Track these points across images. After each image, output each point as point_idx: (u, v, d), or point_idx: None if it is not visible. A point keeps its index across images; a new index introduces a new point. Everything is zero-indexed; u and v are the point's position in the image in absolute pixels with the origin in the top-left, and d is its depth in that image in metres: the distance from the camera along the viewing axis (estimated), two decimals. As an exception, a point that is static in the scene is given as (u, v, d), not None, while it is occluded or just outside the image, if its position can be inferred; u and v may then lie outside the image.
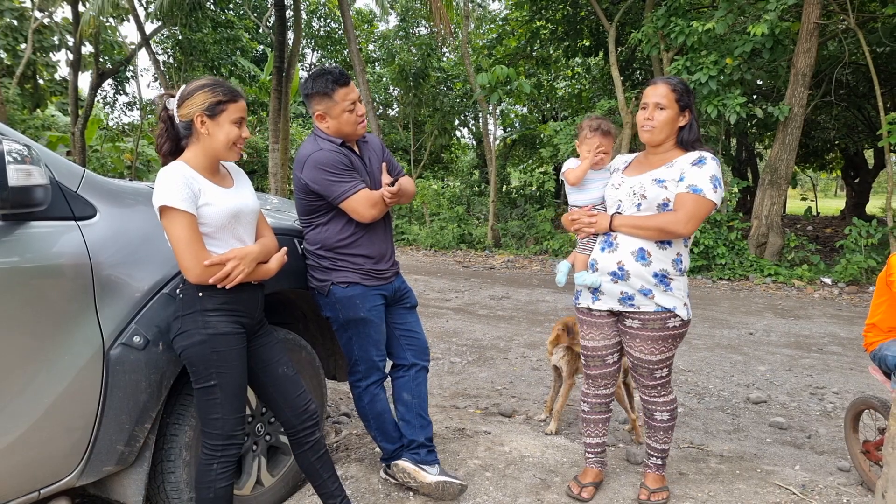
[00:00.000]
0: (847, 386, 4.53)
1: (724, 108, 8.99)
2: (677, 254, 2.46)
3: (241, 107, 2.06)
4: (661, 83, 2.48)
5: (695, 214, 2.34)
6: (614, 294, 2.48)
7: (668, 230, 2.37)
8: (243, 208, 2.11)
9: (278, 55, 13.98)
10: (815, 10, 9.07)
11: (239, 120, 2.06)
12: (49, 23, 18.73)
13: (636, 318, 2.48)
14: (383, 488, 2.71)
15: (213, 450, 2.04)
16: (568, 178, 2.61)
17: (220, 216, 2.01)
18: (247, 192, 2.19)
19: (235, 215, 2.07)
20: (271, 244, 2.22)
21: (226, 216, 2.03)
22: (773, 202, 9.81)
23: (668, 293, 2.43)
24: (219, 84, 2.05)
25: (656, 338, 2.47)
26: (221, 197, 2.05)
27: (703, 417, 3.86)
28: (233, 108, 2.03)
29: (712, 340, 5.83)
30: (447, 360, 5.08)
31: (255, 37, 23.25)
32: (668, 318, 2.45)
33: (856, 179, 17.76)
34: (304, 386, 2.29)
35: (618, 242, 2.46)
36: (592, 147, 2.57)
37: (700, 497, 2.71)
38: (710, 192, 2.35)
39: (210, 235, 2.02)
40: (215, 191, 2.04)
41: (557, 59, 15.95)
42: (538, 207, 14.66)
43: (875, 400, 2.90)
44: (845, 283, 8.90)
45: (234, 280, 1.99)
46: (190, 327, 1.99)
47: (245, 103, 2.10)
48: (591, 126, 2.58)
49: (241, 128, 2.07)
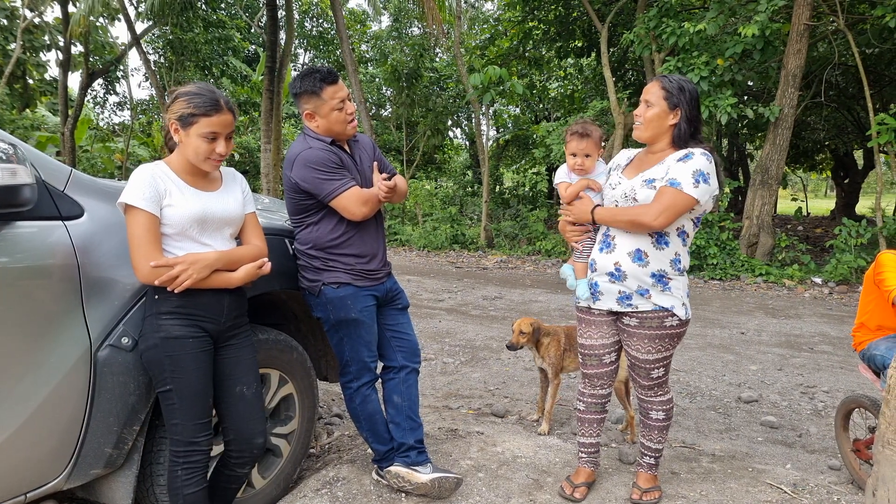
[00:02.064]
0: (837, 385, 4.55)
1: (715, 108, 9.04)
2: (675, 254, 2.44)
3: (214, 122, 1.97)
4: (654, 81, 2.48)
5: (668, 207, 2.29)
6: (612, 294, 2.48)
7: (638, 221, 2.34)
8: (212, 214, 2.04)
9: (270, 55, 13.93)
10: (805, 11, 9.13)
11: (210, 135, 1.98)
12: (39, 22, 18.60)
13: (634, 317, 2.48)
14: (375, 489, 2.70)
15: (176, 455, 2.01)
16: (562, 196, 2.63)
17: (181, 219, 1.97)
18: (229, 199, 2.12)
19: (200, 220, 2.01)
20: (245, 253, 2.13)
21: (188, 219, 1.98)
22: (763, 202, 9.86)
23: (665, 293, 2.43)
24: (198, 94, 1.98)
25: (653, 336, 2.47)
26: (190, 200, 2.00)
27: (695, 417, 3.87)
28: (204, 123, 1.96)
29: (704, 340, 5.85)
30: (440, 360, 5.07)
31: (247, 36, 23.19)
32: (665, 317, 2.44)
33: (845, 180, 17.88)
34: (260, 414, 2.20)
35: (615, 243, 2.46)
36: (569, 151, 2.62)
37: (692, 496, 2.71)
38: (690, 186, 2.28)
39: (171, 237, 1.98)
40: (186, 193, 2.00)
41: (550, 59, 15.99)
42: (531, 208, 14.69)
43: (865, 399, 2.91)
44: (835, 282, 8.96)
45: (182, 285, 1.92)
46: (147, 330, 1.97)
47: (226, 117, 2.00)
48: (569, 130, 2.62)
49: (213, 143, 2.00)
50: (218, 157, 2.02)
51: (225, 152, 2.03)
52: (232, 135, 2.06)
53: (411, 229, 14.58)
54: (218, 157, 2.03)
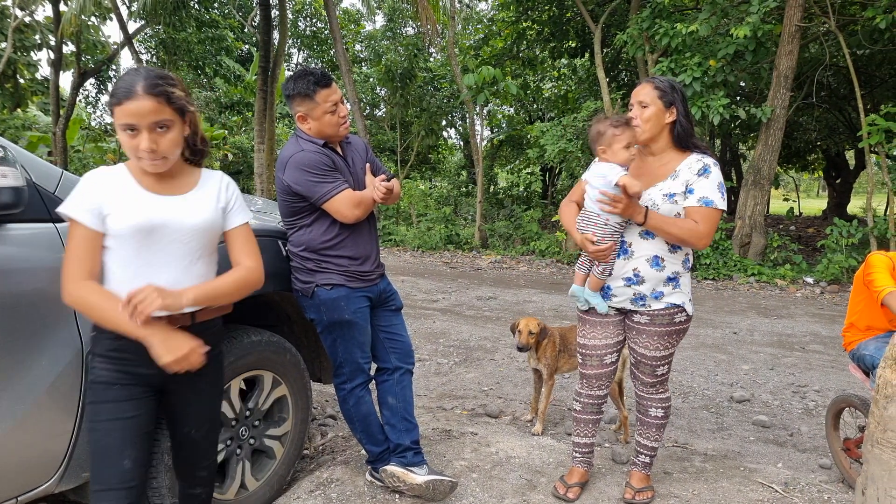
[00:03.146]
0: (828, 384, 4.58)
1: (707, 109, 9.08)
2: (686, 255, 2.53)
3: (126, 111, 1.58)
4: (645, 82, 2.50)
5: (713, 227, 2.40)
6: (626, 295, 2.51)
7: (690, 242, 2.40)
8: (162, 223, 1.69)
9: (263, 55, 13.90)
10: (797, 12, 9.19)
11: (126, 127, 1.60)
12: (30, 21, 18.48)
13: (645, 315, 2.51)
14: (369, 491, 2.70)
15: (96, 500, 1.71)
16: (633, 189, 2.27)
17: (121, 229, 1.65)
18: (196, 206, 1.76)
19: (145, 230, 1.66)
20: (218, 286, 1.76)
21: (129, 229, 1.65)
22: (756, 202, 9.91)
23: (676, 290, 2.49)
24: (121, 78, 1.62)
25: (662, 333, 2.51)
26: (137, 207, 1.67)
27: (688, 416, 3.89)
28: (118, 113, 1.59)
29: (697, 340, 5.88)
30: (434, 361, 5.08)
31: (241, 36, 23.11)
32: (675, 313, 2.50)
33: (837, 180, 17.99)
34: (206, 458, 1.94)
35: (633, 250, 2.47)
36: (626, 142, 2.37)
37: (684, 496, 2.73)
38: (720, 201, 2.39)
39: (114, 250, 1.68)
40: (137, 197, 1.69)
41: (544, 59, 16.02)
42: (525, 208, 14.73)
43: (855, 398, 2.93)
44: (827, 282, 9.02)
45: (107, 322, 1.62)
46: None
47: (141, 104, 1.58)
48: (616, 122, 2.39)
49: (135, 137, 1.60)
50: (147, 154, 1.62)
51: (149, 147, 1.61)
52: (167, 125, 1.63)
53: (405, 230, 14.58)
54: (149, 156, 1.63)
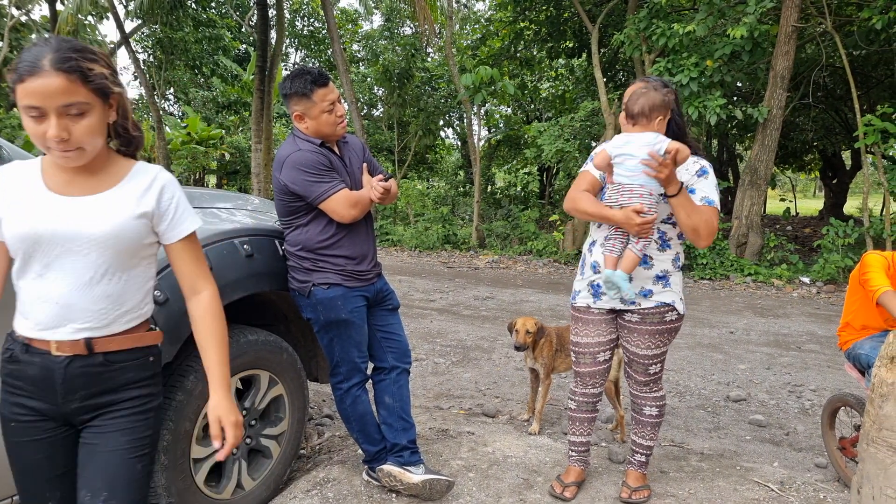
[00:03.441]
0: (824, 383, 4.60)
1: (704, 109, 9.10)
2: (676, 253, 2.53)
3: (29, 90, 1.29)
4: (637, 82, 2.53)
5: (717, 225, 2.42)
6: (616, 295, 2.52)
7: (701, 232, 2.34)
8: (52, 233, 1.39)
9: (261, 54, 13.88)
10: (793, 13, 9.21)
11: (30, 110, 1.30)
12: (26, 21, 18.44)
13: (636, 314, 2.53)
14: (366, 490, 2.70)
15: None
16: (683, 155, 2.26)
17: (7, 238, 1.42)
18: (101, 211, 1.42)
19: (32, 241, 1.39)
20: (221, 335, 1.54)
21: (13, 239, 1.41)
22: (752, 203, 9.93)
23: (666, 289, 2.50)
24: (27, 50, 1.33)
25: (654, 332, 2.52)
26: (27, 211, 1.41)
27: (685, 416, 3.90)
28: (20, 92, 1.30)
29: (693, 339, 5.89)
30: (431, 360, 5.08)
31: (238, 36, 23.09)
32: (666, 312, 2.51)
33: (834, 180, 18.05)
34: None
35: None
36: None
37: (681, 495, 2.73)
38: (717, 201, 2.44)
39: (15, 260, 1.45)
40: (31, 200, 1.42)
41: (541, 59, 16.04)
42: (522, 208, 14.73)
43: (851, 397, 2.94)
44: (823, 282, 9.04)
45: None
46: None
47: (48, 82, 1.28)
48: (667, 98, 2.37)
49: (41, 122, 1.31)
50: (56, 144, 1.32)
51: (57, 135, 1.31)
52: (83, 109, 1.33)
53: (403, 229, 14.58)
54: (58, 146, 1.33)
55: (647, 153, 2.25)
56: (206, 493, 2.36)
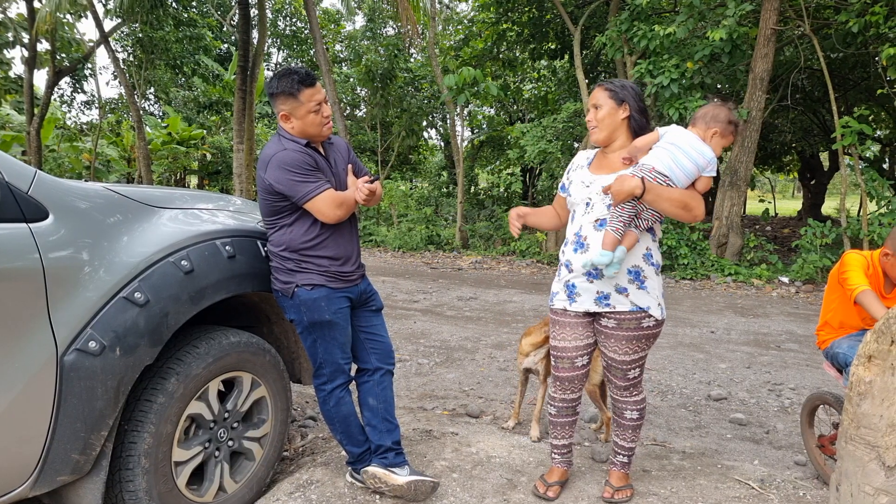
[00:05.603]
0: (803, 382, 4.66)
1: (685, 110, 9.19)
2: (647, 248, 2.49)
3: None
4: (596, 87, 2.59)
5: (701, 188, 2.51)
6: (590, 293, 2.50)
7: (691, 204, 2.41)
8: None
9: (242, 54, 13.77)
10: (772, 16, 9.34)
11: None
12: (3, 19, 18.08)
13: (612, 318, 2.51)
14: (349, 492, 2.69)
15: None
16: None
17: None
18: None
19: None
20: None
21: None
22: (732, 203, 10.05)
23: (642, 291, 2.47)
24: None
25: (630, 338, 2.51)
26: None
27: (666, 415, 3.93)
28: None
29: (675, 339, 5.94)
30: (414, 361, 5.07)
31: (219, 35, 22.88)
32: (642, 318, 2.48)
33: (812, 181, 18.34)
34: None
35: (588, 243, 2.48)
36: (724, 141, 2.60)
37: (663, 493, 2.76)
38: None
39: None
40: None
41: (523, 61, 16.10)
42: (506, 208, 14.76)
43: (829, 396, 2.98)
44: (801, 281, 9.18)
45: None
46: None
47: None
48: (732, 120, 2.61)
49: None
50: None
51: None
52: None
53: (386, 230, 14.54)
54: None
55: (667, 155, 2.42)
56: (188, 497, 2.34)
